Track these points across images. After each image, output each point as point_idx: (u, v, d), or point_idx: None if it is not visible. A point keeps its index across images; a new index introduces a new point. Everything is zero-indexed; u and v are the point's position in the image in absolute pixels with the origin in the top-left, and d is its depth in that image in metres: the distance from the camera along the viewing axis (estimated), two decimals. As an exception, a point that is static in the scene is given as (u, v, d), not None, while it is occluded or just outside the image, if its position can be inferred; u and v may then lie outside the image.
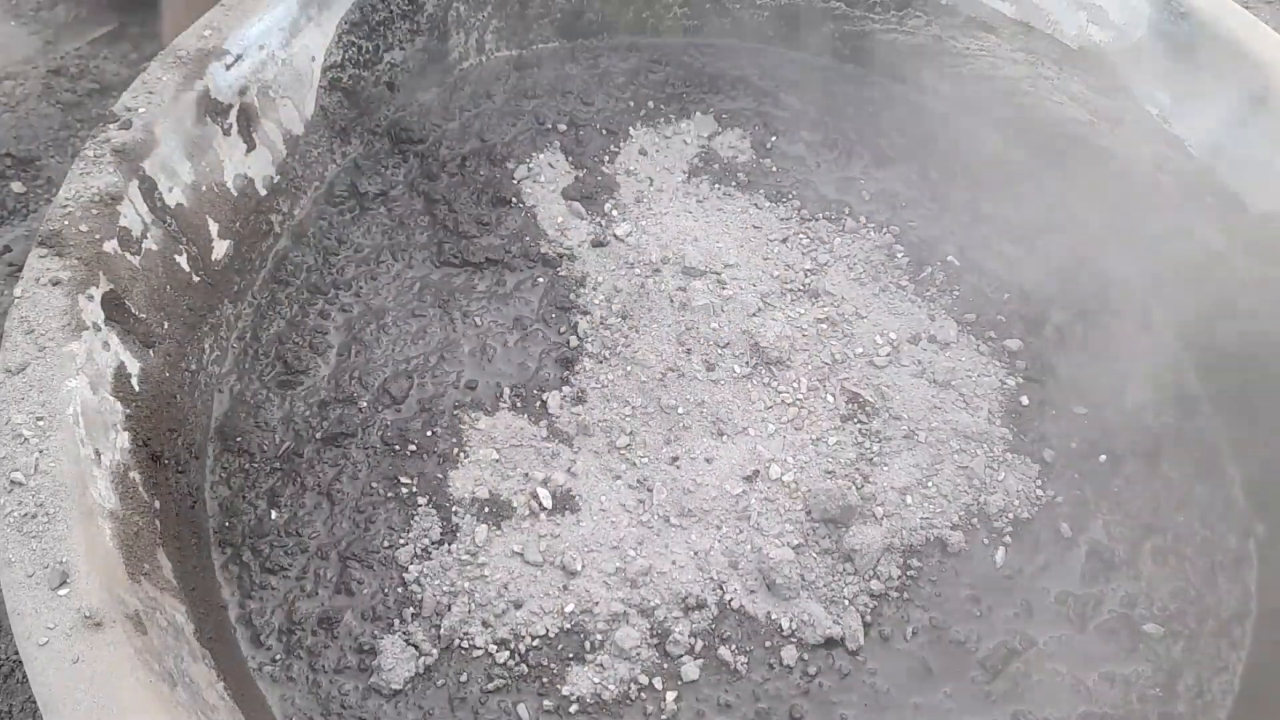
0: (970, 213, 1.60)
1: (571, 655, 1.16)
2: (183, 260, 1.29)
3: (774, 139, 1.67)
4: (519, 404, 1.35)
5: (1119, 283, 1.54)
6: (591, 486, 1.28)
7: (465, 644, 1.16)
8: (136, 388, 1.16)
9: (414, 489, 1.27)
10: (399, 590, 1.20)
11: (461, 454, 1.30)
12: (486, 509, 1.25)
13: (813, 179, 1.63)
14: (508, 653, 1.16)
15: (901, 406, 1.36)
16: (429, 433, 1.31)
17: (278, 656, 1.16)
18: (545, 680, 1.15)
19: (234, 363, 1.37)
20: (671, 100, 1.71)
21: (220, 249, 1.36)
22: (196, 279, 1.31)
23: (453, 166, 1.59)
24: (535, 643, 1.16)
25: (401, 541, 1.23)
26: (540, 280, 1.48)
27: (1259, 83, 1.39)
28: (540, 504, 1.25)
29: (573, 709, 1.13)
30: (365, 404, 1.34)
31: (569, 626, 1.17)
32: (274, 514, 1.25)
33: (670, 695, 1.15)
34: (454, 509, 1.25)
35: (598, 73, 1.74)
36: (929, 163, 1.66)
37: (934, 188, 1.63)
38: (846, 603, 1.22)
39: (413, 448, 1.30)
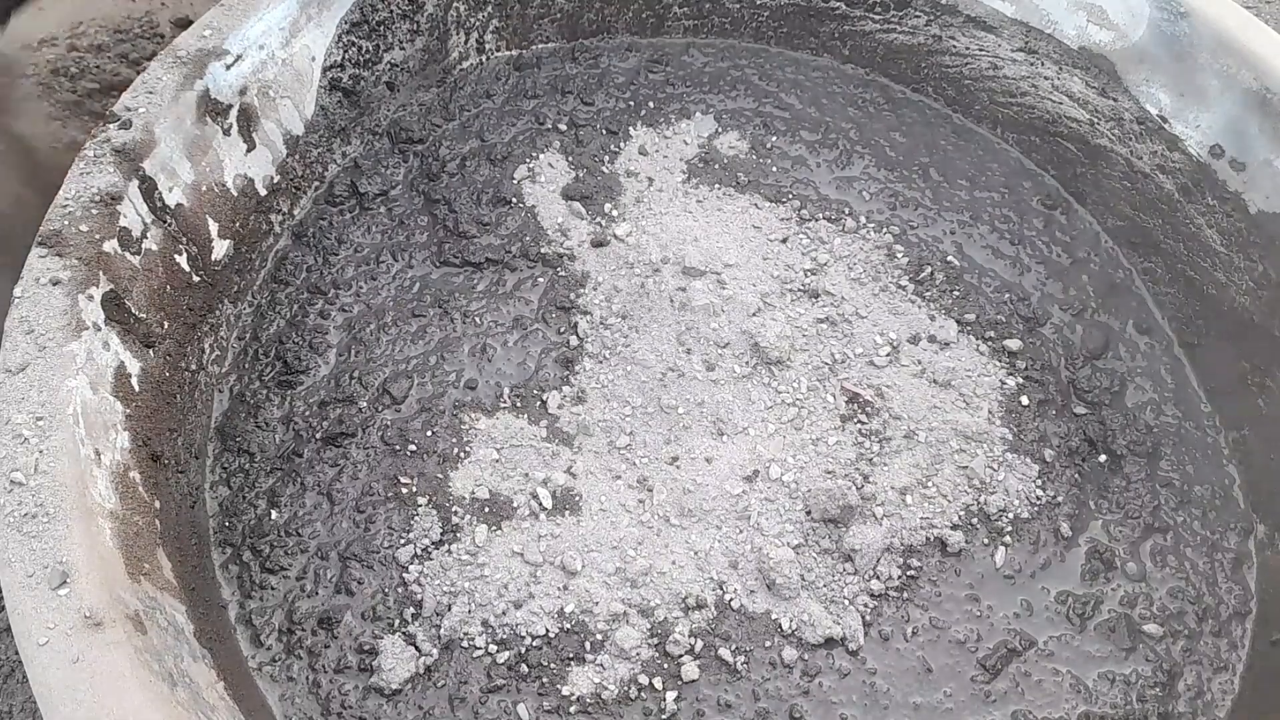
0: (970, 213, 1.60)
1: (572, 655, 1.16)
2: (183, 260, 1.29)
3: (774, 139, 1.67)
4: (519, 404, 1.35)
5: (1119, 282, 1.54)
6: (591, 487, 1.27)
7: (465, 644, 1.16)
8: (136, 387, 1.16)
9: (414, 489, 1.27)
10: (399, 590, 1.20)
11: (461, 454, 1.30)
12: (486, 509, 1.25)
13: (813, 179, 1.62)
14: (508, 653, 1.16)
15: (901, 406, 1.36)
16: (429, 433, 1.31)
17: (278, 656, 1.16)
18: (545, 680, 1.15)
19: (234, 362, 1.37)
20: (671, 100, 1.71)
21: (220, 249, 1.36)
22: (196, 279, 1.31)
23: (453, 166, 1.59)
24: (535, 643, 1.16)
25: (402, 541, 1.23)
26: (540, 280, 1.48)
27: (1259, 83, 1.39)
28: (540, 504, 1.25)
29: (573, 709, 1.13)
30: (365, 404, 1.34)
31: (569, 626, 1.17)
32: (274, 514, 1.25)
33: (670, 695, 1.15)
34: (454, 509, 1.25)
35: (598, 73, 1.74)
36: (929, 163, 1.66)
37: (934, 188, 1.63)
38: (846, 602, 1.22)
39: (413, 448, 1.30)
